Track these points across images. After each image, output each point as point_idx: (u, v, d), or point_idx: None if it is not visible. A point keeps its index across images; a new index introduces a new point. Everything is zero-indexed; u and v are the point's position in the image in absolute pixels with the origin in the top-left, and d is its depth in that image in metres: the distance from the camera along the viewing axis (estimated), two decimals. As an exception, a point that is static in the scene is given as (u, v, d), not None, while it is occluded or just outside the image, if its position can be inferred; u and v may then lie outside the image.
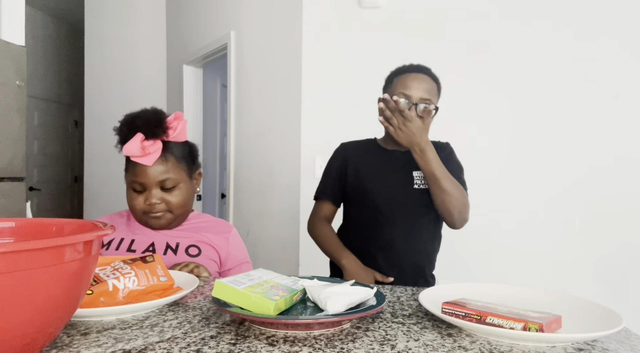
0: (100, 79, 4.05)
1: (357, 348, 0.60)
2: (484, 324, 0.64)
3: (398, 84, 1.27)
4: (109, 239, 1.12)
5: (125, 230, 1.14)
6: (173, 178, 1.08)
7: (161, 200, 1.07)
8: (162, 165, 1.07)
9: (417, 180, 1.30)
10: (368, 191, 1.32)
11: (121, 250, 1.10)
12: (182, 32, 3.73)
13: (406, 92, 1.24)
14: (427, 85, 1.25)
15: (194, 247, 1.12)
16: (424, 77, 1.26)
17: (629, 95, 2.05)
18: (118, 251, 1.10)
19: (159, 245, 1.11)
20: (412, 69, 1.29)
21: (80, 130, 4.83)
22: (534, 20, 2.12)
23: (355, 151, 1.40)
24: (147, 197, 1.07)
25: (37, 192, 4.84)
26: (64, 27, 5.33)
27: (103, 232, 0.55)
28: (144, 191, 1.08)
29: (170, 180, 1.08)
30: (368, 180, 1.33)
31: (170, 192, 1.09)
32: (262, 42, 2.65)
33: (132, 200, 1.08)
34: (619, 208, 2.04)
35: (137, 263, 0.83)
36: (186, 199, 1.12)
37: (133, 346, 0.60)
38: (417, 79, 1.25)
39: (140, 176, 1.06)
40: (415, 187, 1.29)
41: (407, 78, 1.26)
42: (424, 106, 1.23)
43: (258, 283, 0.73)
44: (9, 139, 1.74)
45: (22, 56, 1.78)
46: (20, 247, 0.45)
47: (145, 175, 1.05)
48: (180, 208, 1.12)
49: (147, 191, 1.07)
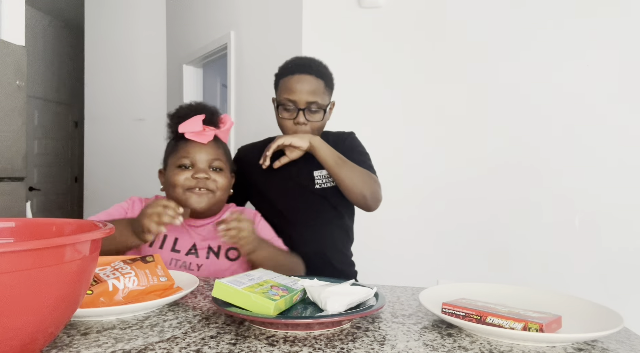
0: (100, 79, 4.05)
1: (357, 348, 0.60)
2: (484, 324, 0.64)
3: (283, 88, 1.24)
4: None
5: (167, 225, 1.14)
6: (222, 162, 1.11)
7: (209, 176, 1.08)
8: (213, 148, 1.11)
9: (319, 180, 1.27)
10: (267, 197, 1.30)
11: (165, 249, 1.10)
12: (182, 32, 3.73)
13: (291, 97, 1.21)
14: (311, 86, 1.21)
15: (233, 250, 1.12)
16: (307, 78, 1.22)
17: (630, 94, 2.05)
18: (162, 250, 1.09)
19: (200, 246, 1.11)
20: (294, 70, 1.24)
21: (80, 130, 4.83)
22: (534, 20, 2.12)
23: (251, 155, 1.34)
24: (196, 171, 1.07)
25: (37, 192, 4.84)
26: (64, 27, 5.33)
27: (103, 232, 0.55)
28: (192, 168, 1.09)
29: (219, 162, 1.10)
30: (266, 186, 1.30)
31: (217, 173, 1.10)
32: (262, 42, 2.65)
33: (177, 176, 1.08)
34: (619, 208, 2.03)
35: (137, 263, 0.83)
36: (227, 187, 1.14)
37: (133, 346, 0.60)
38: (300, 81, 1.21)
39: (193, 152, 1.08)
40: (317, 187, 1.27)
41: (290, 81, 1.23)
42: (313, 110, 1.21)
43: (258, 283, 0.73)
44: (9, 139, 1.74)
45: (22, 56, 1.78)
46: (21, 247, 0.45)
47: (199, 152, 1.08)
48: (222, 192, 1.12)
49: (195, 167, 1.08)
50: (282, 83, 1.25)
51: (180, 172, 1.08)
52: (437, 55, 2.21)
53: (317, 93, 1.22)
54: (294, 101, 1.21)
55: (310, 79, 1.22)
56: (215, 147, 1.11)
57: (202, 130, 1.09)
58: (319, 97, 1.22)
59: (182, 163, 1.08)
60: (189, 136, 1.08)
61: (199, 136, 1.08)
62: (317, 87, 1.22)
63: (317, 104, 1.22)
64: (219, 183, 1.09)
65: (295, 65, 1.25)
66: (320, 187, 1.27)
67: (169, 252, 1.09)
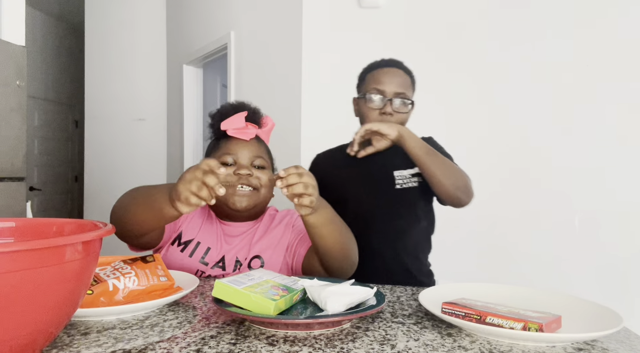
0: (100, 79, 4.05)
1: (357, 348, 0.60)
2: (484, 324, 0.64)
3: (371, 80, 1.25)
4: (187, 238, 1.07)
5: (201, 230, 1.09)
6: (264, 160, 1.09)
7: (251, 173, 1.04)
8: (256, 145, 1.09)
9: (399, 180, 1.25)
10: (347, 199, 1.27)
11: (195, 258, 1.05)
12: (182, 32, 3.73)
13: (379, 87, 1.21)
14: (400, 79, 1.22)
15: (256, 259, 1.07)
16: (396, 71, 1.24)
17: (631, 94, 2.05)
18: (191, 258, 1.05)
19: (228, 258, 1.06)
20: (383, 64, 1.26)
21: (80, 130, 4.83)
22: (535, 20, 2.13)
23: (330, 160, 1.35)
24: (239, 167, 1.03)
25: (37, 192, 4.84)
26: (64, 27, 5.33)
27: (103, 232, 0.55)
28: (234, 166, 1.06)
29: (262, 160, 1.08)
30: (345, 189, 1.28)
31: (260, 170, 1.07)
32: (262, 42, 2.65)
33: None
34: (619, 208, 2.03)
35: (137, 263, 0.83)
36: (271, 186, 1.09)
37: (133, 346, 0.60)
38: (389, 74, 1.23)
39: (235, 149, 1.06)
40: (398, 188, 1.24)
41: (380, 73, 1.24)
42: (400, 101, 1.21)
43: (258, 283, 0.73)
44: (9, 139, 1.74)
45: (22, 56, 1.78)
46: (21, 247, 0.45)
47: (241, 149, 1.06)
48: (266, 190, 1.07)
49: (237, 164, 1.05)
50: (370, 76, 1.26)
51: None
52: (437, 55, 2.21)
53: (405, 86, 1.22)
54: (382, 91, 1.21)
55: (399, 72, 1.24)
56: (258, 145, 1.09)
57: (245, 127, 1.07)
58: (406, 90, 1.22)
59: (225, 160, 1.05)
60: (231, 133, 1.06)
61: (242, 133, 1.07)
62: (405, 81, 1.23)
63: (405, 96, 1.22)
64: (263, 180, 1.05)
65: (384, 60, 1.28)
66: (400, 188, 1.24)
67: (198, 262, 1.05)
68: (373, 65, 1.28)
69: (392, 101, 1.21)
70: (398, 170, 1.25)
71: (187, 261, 1.05)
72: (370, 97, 1.23)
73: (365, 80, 1.28)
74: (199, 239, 1.08)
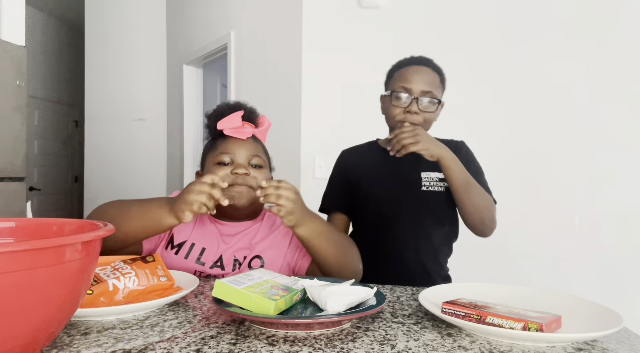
0: (100, 79, 4.05)
1: (357, 348, 0.60)
2: (484, 324, 0.64)
3: (398, 77, 1.23)
4: (180, 240, 1.07)
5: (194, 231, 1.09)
6: (261, 159, 1.09)
7: (249, 172, 1.04)
8: (253, 144, 1.09)
9: (426, 182, 1.24)
10: (371, 196, 1.27)
11: (190, 259, 1.05)
12: (182, 32, 3.73)
13: (406, 85, 1.19)
14: (428, 77, 1.20)
15: (257, 259, 1.07)
16: (424, 69, 1.21)
17: (631, 94, 2.05)
18: (187, 260, 1.05)
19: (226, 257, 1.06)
20: (412, 62, 1.24)
21: (80, 130, 4.83)
22: (535, 19, 2.12)
23: (357, 157, 1.36)
24: (236, 166, 1.04)
25: (37, 192, 4.84)
26: (64, 27, 5.33)
27: (103, 232, 0.55)
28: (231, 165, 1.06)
29: (259, 159, 1.08)
30: (371, 185, 1.28)
31: (257, 170, 1.07)
32: (262, 42, 2.65)
33: (216, 172, 1.04)
34: (619, 208, 2.03)
35: (137, 263, 0.83)
36: None
37: (133, 346, 0.60)
38: (417, 72, 1.20)
39: (232, 148, 1.06)
40: (424, 189, 1.24)
41: (407, 71, 1.22)
42: (428, 100, 1.18)
43: (258, 283, 0.73)
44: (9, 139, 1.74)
45: (22, 56, 1.78)
46: (21, 247, 0.45)
47: (238, 148, 1.06)
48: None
49: (234, 163, 1.05)
50: (398, 73, 1.23)
51: (219, 168, 1.04)
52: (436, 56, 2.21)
53: (433, 85, 1.20)
54: (409, 89, 1.19)
55: (427, 70, 1.21)
56: (255, 144, 1.10)
57: (241, 126, 1.08)
58: (434, 88, 1.19)
59: (221, 159, 1.05)
60: (227, 132, 1.07)
61: (238, 132, 1.07)
62: (433, 79, 1.20)
63: (432, 95, 1.19)
64: (259, 179, 1.05)
65: (413, 58, 1.25)
66: (426, 190, 1.23)
67: (194, 263, 1.05)
68: (402, 63, 1.26)
69: (418, 100, 1.18)
70: (426, 172, 1.25)
71: (183, 263, 1.05)
72: (396, 95, 1.21)
73: (392, 78, 1.26)
74: (193, 240, 1.07)
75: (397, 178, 1.26)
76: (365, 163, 1.33)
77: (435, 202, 1.24)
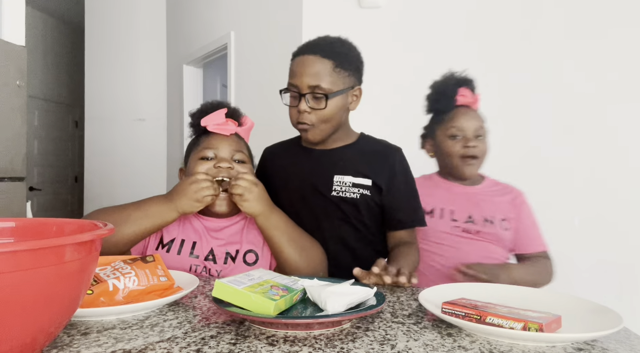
0: (100, 79, 4.05)
1: (357, 348, 0.60)
2: (484, 324, 0.64)
3: (289, 72, 1.11)
4: (169, 239, 1.08)
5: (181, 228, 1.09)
6: (245, 155, 1.10)
7: (232, 166, 1.06)
8: (236, 141, 1.11)
9: (337, 186, 1.12)
10: (287, 198, 1.16)
11: (183, 255, 1.06)
12: (182, 32, 3.73)
13: (293, 81, 1.07)
14: (314, 68, 1.04)
15: (251, 254, 1.07)
16: (310, 59, 1.05)
17: (632, 94, 2.05)
18: (180, 256, 1.06)
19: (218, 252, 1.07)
20: (299, 52, 1.09)
21: (80, 130, 4.83)
22: (536, 19, 2.12)
23: (276, 155, 1.27)
24: (219, 161, 1.05)
25: (37, 192, 4.84)
26: (64, 27, 5.33)
27: (103, 232, 0.55)
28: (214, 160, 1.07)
29: (242, 154, 1.09)
30: (286, 186, 1.18)
31: (240, 165, 1.08)
32: (262, 42, 2.65)
33: (199, 166, 1.05)
34: (619, 207, 2.03)
35: (137, 263, 0.83)
36: None
37: (133, 346, 0.60)
38: (302, 63, 1.06)
39: (216, 144, 1.07)
40: (334, 194, 1.12)
41: (294, 64, 1.09)
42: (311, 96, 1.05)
43: (258, 283, 0.73)
44: (9, 139, 1.74)
45: (22, 56, 1.78)
46: (21, 247, 0.45)
47: (221, 143, 1.08)
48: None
49: (217, 158, 1.07)
50: (290, 68, 1.12)
51: (203, 163, 1.06)
52: (436, 56, 2.21)
53: (322, 75, 1.04)
54: (296, 86, 1.07)
55: (314, 59, 1.05)
56: (237, 140, 1.12)
57: (225, 123, 1.10)
58: (322, 80, 1.04)
59: (205, 155, 1.07)
60: (211, 128, 1.09)
61: (222, 128, 1.09)
62: (322, 69, 1.05)
63: (320, 88, 1.04)
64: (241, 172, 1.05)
65: (304, 45, 1.10)
66: (337, 195, 1.12)
67: (188, 257, 1.06)
68: (293, 53, 1.12)
69: (306, 97, 1.07)
70: (339, 175, 1.13)
71: (177, 259, 1.05)
72: (289, 95, 1.12)
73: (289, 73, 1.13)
74: (182, 237, 1.09)
75: (310, 182, 1.16)
76: (283, 162, 1.24)
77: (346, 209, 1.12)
